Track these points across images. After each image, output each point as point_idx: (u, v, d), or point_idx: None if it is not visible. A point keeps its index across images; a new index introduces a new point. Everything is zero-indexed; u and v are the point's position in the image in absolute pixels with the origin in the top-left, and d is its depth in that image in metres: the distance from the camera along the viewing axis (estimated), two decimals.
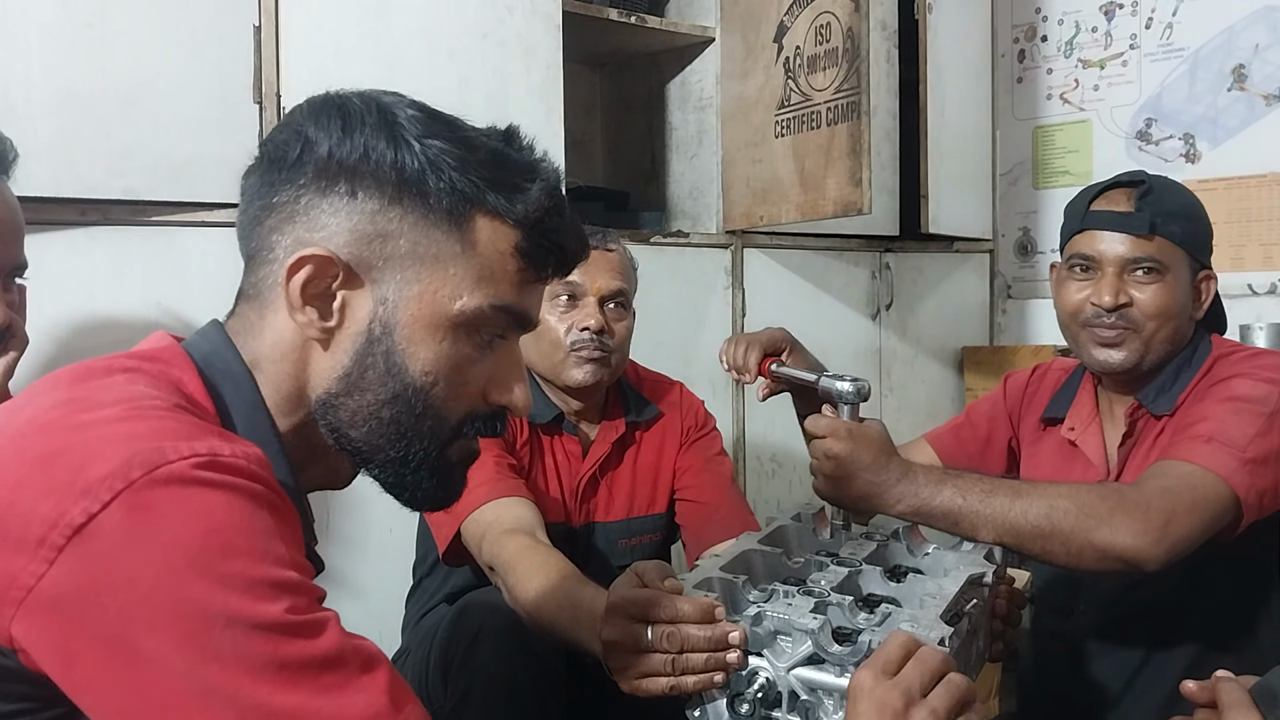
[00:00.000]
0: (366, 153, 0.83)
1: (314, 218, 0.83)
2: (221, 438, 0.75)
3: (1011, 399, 1.77)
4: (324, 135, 0.83)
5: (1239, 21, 2.94)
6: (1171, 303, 1.52)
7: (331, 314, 0.84)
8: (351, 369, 0.85)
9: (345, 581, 2.12)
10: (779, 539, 1.38)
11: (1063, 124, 3.35)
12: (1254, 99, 2.93)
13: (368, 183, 0.83)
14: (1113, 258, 1.53)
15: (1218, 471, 1.36)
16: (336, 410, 0.86)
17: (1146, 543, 1.30)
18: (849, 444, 1.34)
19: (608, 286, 1.73)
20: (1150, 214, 1.51)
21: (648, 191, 3.01)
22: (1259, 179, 2.92)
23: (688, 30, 2.80)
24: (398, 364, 0.85)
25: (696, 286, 2.69)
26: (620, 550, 1.77)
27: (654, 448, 1.83)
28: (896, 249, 3.12)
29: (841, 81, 2.45)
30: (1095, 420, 1.63)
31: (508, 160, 0.87)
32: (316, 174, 0.83)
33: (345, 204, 0.83)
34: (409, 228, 0.84)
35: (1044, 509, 1.31)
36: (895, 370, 3.15)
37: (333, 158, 0.83)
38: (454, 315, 0.85)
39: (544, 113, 2.33)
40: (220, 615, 0.68)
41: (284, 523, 0.75)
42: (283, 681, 0.69)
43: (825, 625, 1.07)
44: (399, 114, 0.84)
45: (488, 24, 2.25)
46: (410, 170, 0.83)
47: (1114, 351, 1.54)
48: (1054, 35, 3.36)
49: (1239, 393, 1.44)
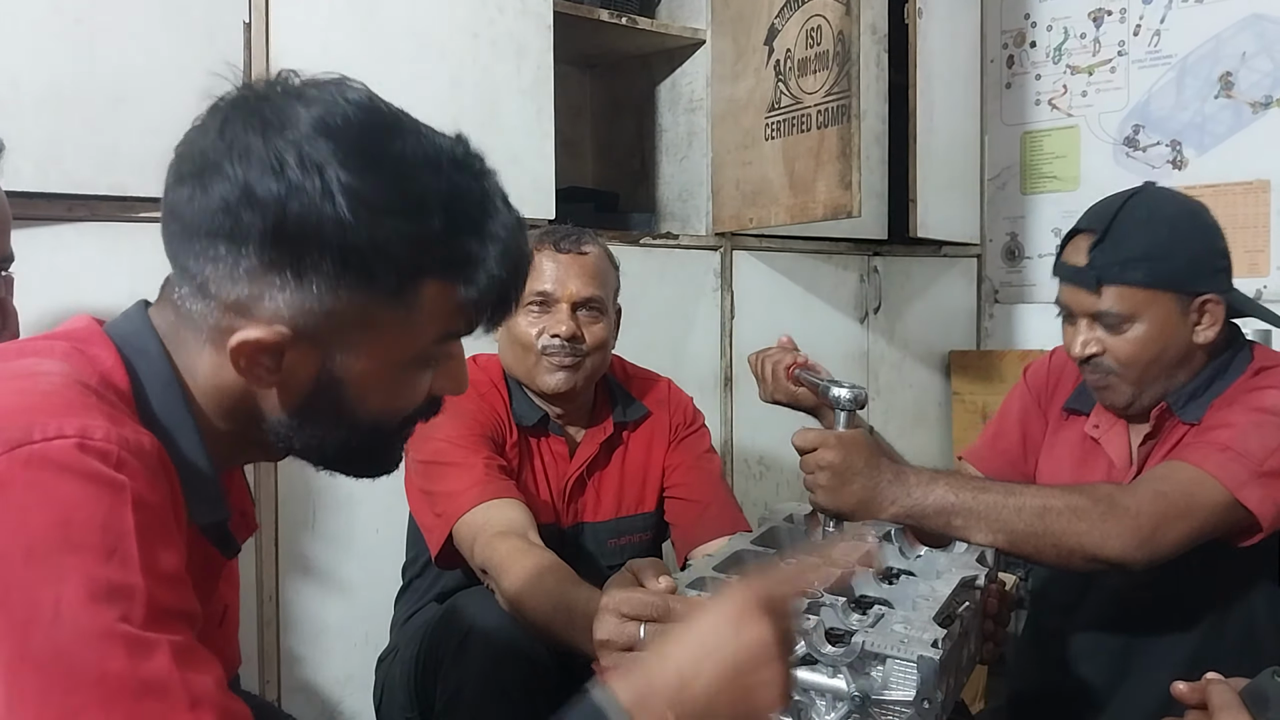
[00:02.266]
0: (314, 231, 0.78)
1: (259, 289, 0.80)
2: (107, 419, 0.72)
3: (1036, 387, 1.76)
4: (262, 196, 0.78)
5: (1226, 29, 2.96)
6: (1144, 349, 1.49)
7: (278, 372, 0.83)
8: (300, 411, 0.85)
9: (332, 580, 2.11)
10: (771, 540, 1.38)
11: (1051, 130, 3.36)
12: (1241, 106, 2.95)
13: (315, 260, 0.79)
14: (1078, 309, 1.53)
15: (1223, 481, 1.37)
16: (289, 438, 0.87)
17: (1133, 546, 1.32)
18: (840, 451, 1.35)
19: (580, 293, 1.71)
20: (1099, 267, 1.47)
21: (637, 193, 3.01)
22: (1245, 186, 2.93)
23: (678, 32, 2.80)
24: (347, 408, 0.85)
25: (686, 288, 2.69)
26: (609, 550, 1.77)
27: (642, 446, 1.83)
28: (885, 253, 3.13)
29: (832, 85, 2.45)
30: (1119, 420, 1.62)
31: (460, 219, 0.83)
32: (261, 246, 0.79)
33: (292, 283, 0.80)
34: (357, 309, 0.81)
35: (1038, 509, 1.33)
36: (883, 374, 3.16)
37: (280, 230, 0.78)
38: (402, 364, 0.86)
39: (534, 113, 2.32)
40: (47, 612, 0.65)
41: (153, 520, 0.71)
42: (98, 695, 0.65)
43: (818, 626, 1.07)
44: (331, 176, 0.78)
45: (479, 24, 2.24)
46: (356, 256, 0.79)
47: (1105, 394, 1.56)
48: (1043, 41, 3.37)
49: (1268, 404, 1.43)
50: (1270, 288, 2.89)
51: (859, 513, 1.36)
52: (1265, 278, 2.91)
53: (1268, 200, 2.91)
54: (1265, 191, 2.91)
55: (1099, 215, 1.52)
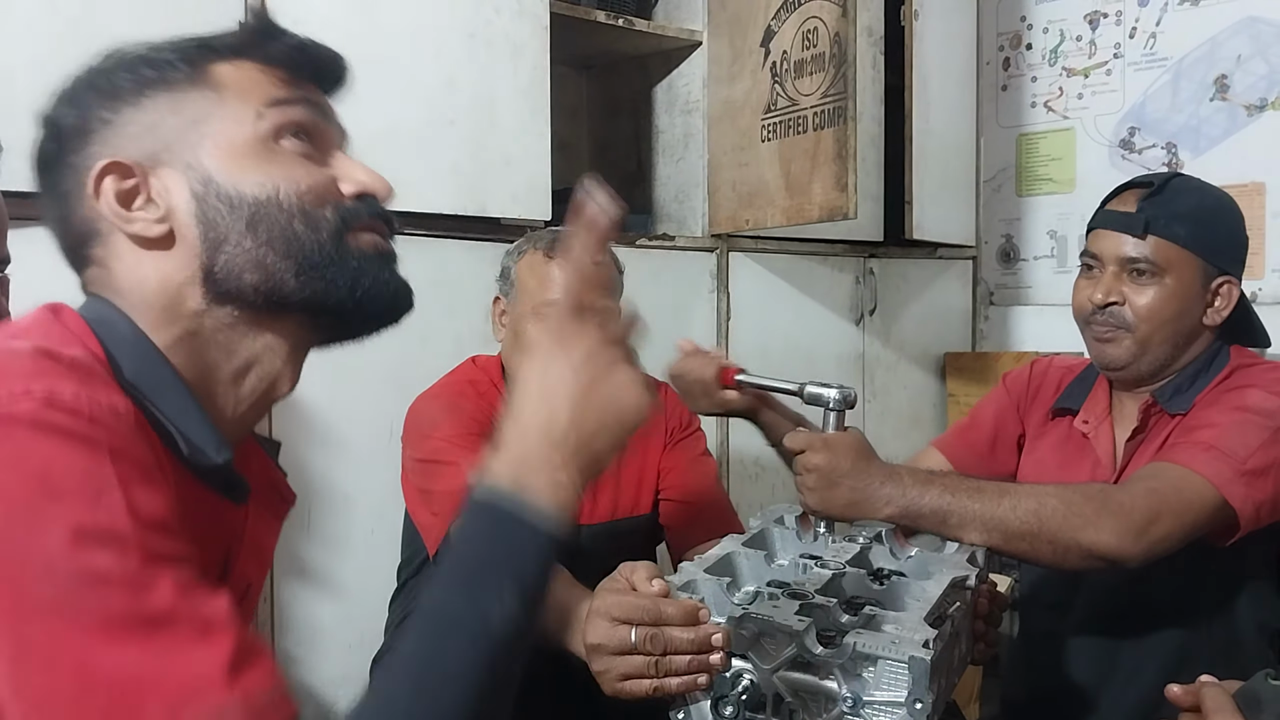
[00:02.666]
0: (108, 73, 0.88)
1: (85, 154, 0.86)
2: (77, 382, 0.72)
3: (1016, 394, 1.78)
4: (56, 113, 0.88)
5: (1221, 32, 2.97)
6: (1166, 306, 1.52)
7: (156, 203, 0.85)
8: (205, 232, 0.85)
9: (327, 581, 2.12)
10: (763, 541, 1.38)
11: (1046, 132, 3.37)
12: (1236, 109, 2.96)
13: (113, 103, 0.86)
14: (1111, 257, 1.55)
15: (1210, 479, 1.38)
16: (224, 277, 0.85)
17: (1128, 542, 1.32)
18: (827, 454, 1.34)
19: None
20: (1149, 215, 1.51)
21: (634, 194, 3.01)
22: (1240, 188, 2.94)
23: (675, 33, 2.80)
24: (234, 194, 0.85)
25: (682, 290, 2.70)
26: (605, 552, 1.76)
27: (638, 447, 1.83)
28: (880, 255, 3.13)
29: (828, 87, 2.45)
30: (1108, 418, 1.64)
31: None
32: (75, 110, 0.87)
33: (102, 128, 0.86)
34: (166, 111, 0.86)
35: (1032, 507, 1.33)
36: (878, 376, 3.16)
37: (78, 90, 0.88)
38: (252, 135, 0.87)
39: (530, 114, 2.33)
40: (39, 563, 0.64)
41: (134, 469, 0.71)
42: (104, 636, 0.64)
43: (810, 627, 1.07)
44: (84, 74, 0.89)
45: (475, 24, 2.24)
46: (145, 66, 0.88)
47: (1108, 348, 1.56)
48: (1039, 43, 3.37)
49: (1250, 404, 1.45)
50: (1266, 290, 2.90)
51: (849, 514, 1.35)
52: (1260, 280, 2.91)
53: (1263, 203, 2.91)
54: (1260, 194, 2.92)
55: (1152, 176, 1.59)
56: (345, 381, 2.06)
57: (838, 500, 1.34)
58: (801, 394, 1.44)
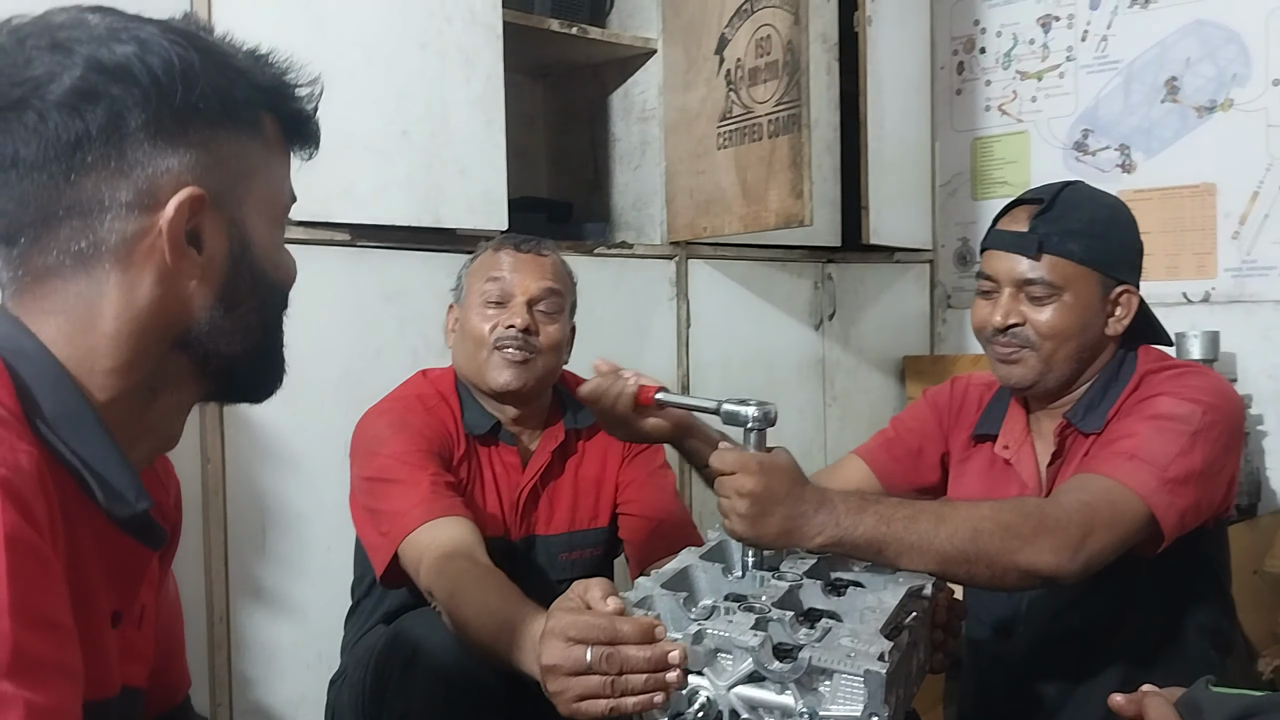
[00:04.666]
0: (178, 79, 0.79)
1: (151, 165, 0.79)
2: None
3: (940, 413, 1.76)
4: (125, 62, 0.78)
5: (1171, 35, 3.00)
6: (1067, 323, 1.51)
7: (202, 246, 0.83)
8: (224, 292, 0.84)
9: (283, 602, 2.09)
10: (720, 554, 1.37)
11: (1001, 135, 3.39)
12: (1186, 110, 2.99)
13: (190, 112, 0.81)
14: (1007, 278, 1.53)
15: (1136, 489, 1.37)
16: (215, 336, 0.85)
17: (1065, 559, 1.30)
18: (762, 477, 1.25)
19: (537, 288, 1.71)
20: (1042, 234, 1.49)
21: (591, 202, 3.01)
22: (1192, 189, 2.97)
23: (630, 41, 2.79)
24: (259, 271, 0.87)
25: (641, 298, 2.69)
26: (561, 564, 1.76)
27: (596, 459, 1.82)
28: (838, 260, 3.14)
29: (782, 94, 2.46)
30: (1027, 439, 1.63)
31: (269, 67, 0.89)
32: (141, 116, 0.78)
33: (181, 144, 0.80)
34: (236, 151, 0.84)
35: (969, 533, 1.28)
36: (838, 380, 3.17)
37: (156, 95, 0.79)
38: (278, 216, 0.89)
39: (485, 123, 2.31)
40: None
41: (29, 557, 0.66)
42: None
43: (766, 642, 1.07)
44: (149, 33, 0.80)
45: (427, 34, 2.23)
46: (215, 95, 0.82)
47: (1013, 369, 1.55)
48: (992, 48, 3.40)
49: (1163, 411, 1.44)
50: (1219, 289, 2.93)
51: (780, 542, 1.28)
52: (1213, 279, 2.95)
53: (1214, 203, 2.95)
54: (1211, 195, 2.95)
55: (1042, 191, 1.56)
56: (298, 397, 2.04)
57: (770, 529, 1.26)
58: (719, 412, 1.35)
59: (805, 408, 3.05)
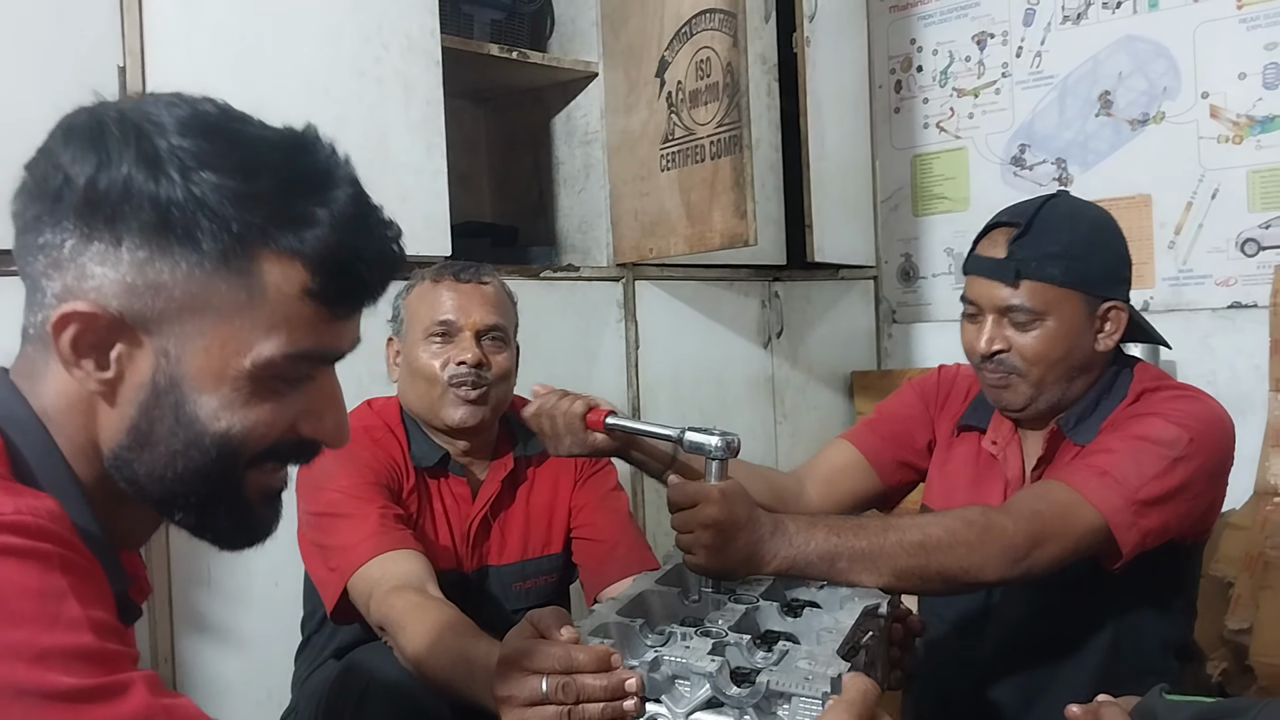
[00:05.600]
0: (126, 193, 0.74)
1: (81, 266, 0.75)
2: (6, 493, 0.69)
3: (926, 400, 1.75)
4: (80, 170, 0.75)
5: (1103, 50, 3.06)
6: (1052, 347, 1.49)
7: (109, 365, 0.77)
8: (138, 421, 0.78)
9: (229, 637, 2.04)
10: (677, 577, 1.36)
11: (940, 152, 3.44)
12: (1120, 124, 3.05)
13: (132, 228, 0.74)
14: (988, 304, 1.52)
15: (1097, 505, 1.37)
16: (130, 464, 0.80)
17: (1008, 567, 1.32)
18: (725, 505, 1.24)
19: (484, 321, 1.69)
20: (1019, 260, 1.47)
21: (537, 226, 3.00)
22: (1128, 200, 3.03)
23: (570, 65, 2.79)
24: (188, 415, 0.78)
25: (589, 320, 2.68)
26: (515, 594, 1.74)
27: (547, 485, 1.80)
28: (785, 278, 3.16)
29: (723, 116, 2.47)
30: (1015, 437, 1.62)
31: (294, 181, 0.78)
32: (78, 217, 0.75)
33: (111, 253, 0.75)
34: (183, 278, 0.75)
35: (917, 538, 1.29)
36: (788, 397, 3.18)
37: (91, 199, 0.74)
38: (246, 370, 0.78)
39: (425, 149, 2.30)
40: (9, 689, 0.63)
41: (82, 579, 0.69)
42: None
43: (723, 667, 1.06)
44: (160, 142, 0.75)
45: (365, 61, 2.21)
46: (176, 213, 0.74)
47: (1003, 394, 1.54)
48: (929, 65, 3.45)
49: (1149, 433, 1.44)
50: (1157, 299, 2.98)
51: (741, 571, 1.27)
52: (1151, 289, 3.00)
53: (1149, 214, 3.00)
54: (1147, 206, 3.01)
55: (1020, 212, 1.53)
56: None
57: (732, 558, 1.25)
58: (681, 442, 1.34)
59: (756, 425, 3.06)
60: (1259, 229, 2.83)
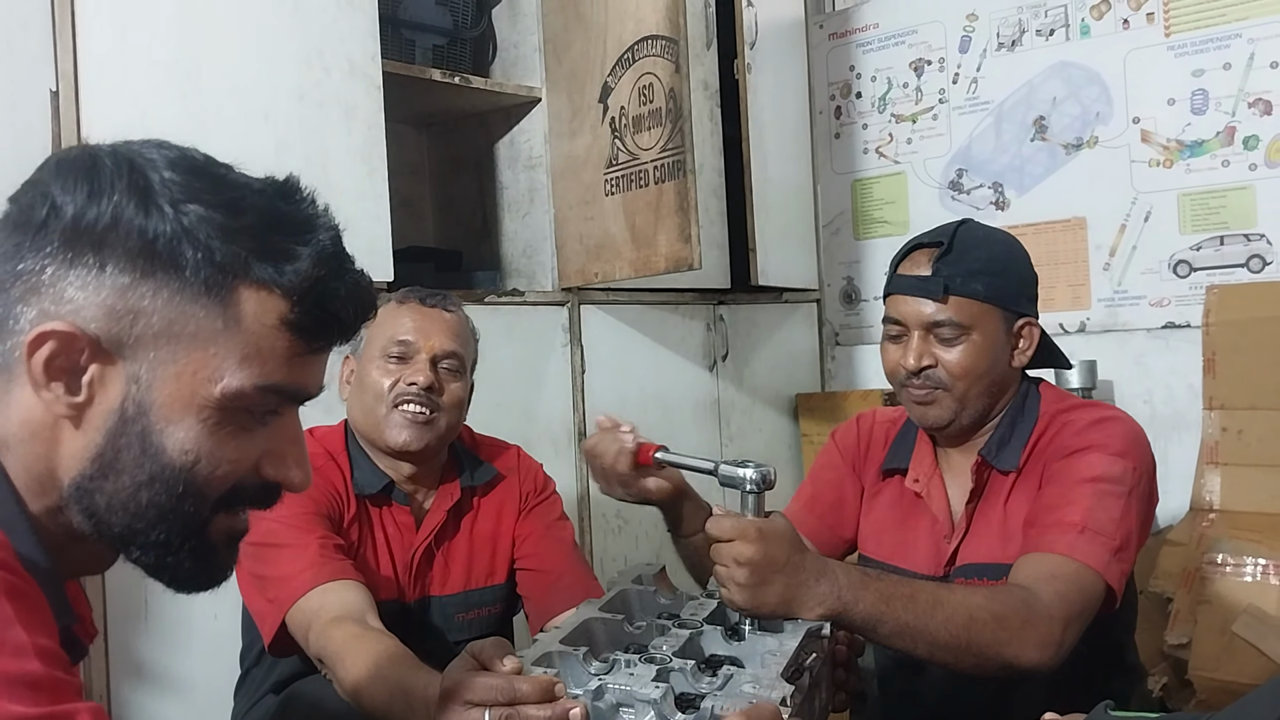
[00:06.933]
0: (115, 220, 0.76)
1: (61, 290, 0.76)
2: None
3: (849, 453, 1.77)
4: (69, 199, 0.77)
5: (1037, 76, 3.12)
6: (978, 361, 1.54)
7: (80, 389, 0.77)
8: (105, 449, 0.78)
9: (166, 675, 2.00)
10: (620, 604, 1.35)
11: (879, 176, 3.48)
12: (1055, 148, 3.11)
13: (117, 254, 0.76)
14: (915, 321, 1.55)
15: (1095, 567, 1.39)
16: (91, 495, 0.79)
17: (1049, 655, 1.32)
18: (762, 545, 1.22)
19: (442, 346, 1.68)
20: (946, 276, 1.52)
21: (481, 251, 2.99)
22: (1064, 223, 3.08)
23: (513, 90, 2.79)
24: (154, 444, 0.78)
25: (534, 345, 2.67)
26: (458, 625, 1.71)
27: (492, 515, 1.78)
28: (729, 301, 3.17)
29: (666, 141, 2.48)
30: (936, 472, 1.65)
31: (278, 221, 0.81)
32: (63, 243, 0.76)
33: (93, 277, 0.76)
34: (163, 304, 0.77)
35: (964, 619, 1.28)
36: (734, 420, 3.19)
37: (79, 225, 0.76)
38: (215, 398, 0.79)
39: (367, 173, 2.28)
40: None
41: (26, 607, 0.69)
42: None
43: (667, 694, 1.05)
44: (153, 175, 0.78)
45: (305, 85, 2.19)
46: (162, 241, 0.76)
47: (929, 409, 1.57)
48: (868, 92, 3.49)
49: (1099, 473, 1.46)
50: (1094, 319, 3.04)
51: (779, 612, 1.25)
52: (1088, 310, 3.05)
53: (1085, 237, 3.06)
54: (1082, 229, 3.07)
55: (939, 233, 1.58)
56: None
57: (770, 598, 1.23)
58: (716, 473, 1.34)
59: (702, 448, 3.06)
60: (1190, 250, 2.89)
